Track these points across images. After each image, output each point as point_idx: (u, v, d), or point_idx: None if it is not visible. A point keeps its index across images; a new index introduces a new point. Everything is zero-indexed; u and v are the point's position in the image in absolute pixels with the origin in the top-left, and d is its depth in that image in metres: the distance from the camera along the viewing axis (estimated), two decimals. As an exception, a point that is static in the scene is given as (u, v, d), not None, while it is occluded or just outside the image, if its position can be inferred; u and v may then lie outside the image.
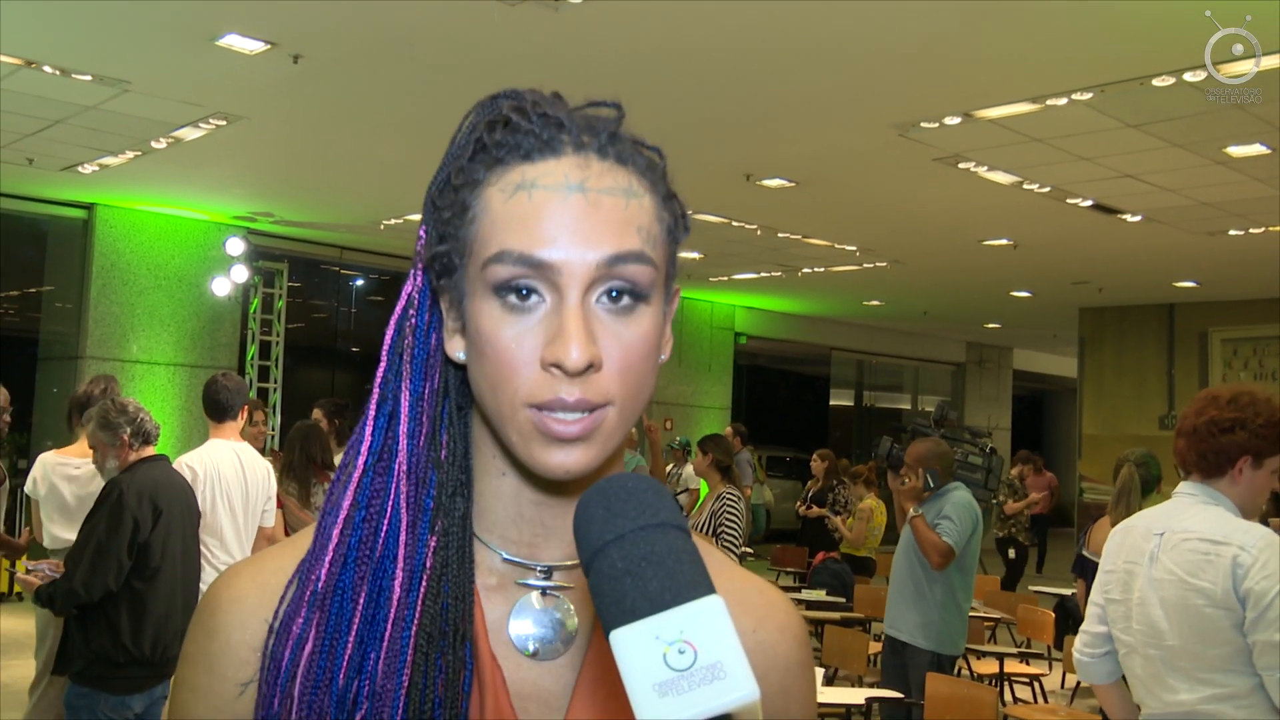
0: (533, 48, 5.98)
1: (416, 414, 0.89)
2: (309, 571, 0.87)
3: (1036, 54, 5.78)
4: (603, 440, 0.82)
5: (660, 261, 0.86)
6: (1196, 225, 9.53)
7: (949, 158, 7.77)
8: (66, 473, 4.98)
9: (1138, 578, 2.94)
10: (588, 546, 0.68)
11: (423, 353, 0.91)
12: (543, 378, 0.81)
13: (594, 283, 0.82)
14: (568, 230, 0.82)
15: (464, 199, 0.86)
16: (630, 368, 0.83)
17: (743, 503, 6.35)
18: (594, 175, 0.84)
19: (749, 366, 18.53)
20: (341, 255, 12.92)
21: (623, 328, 0.83)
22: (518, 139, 0.85)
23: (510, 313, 0.82)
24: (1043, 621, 7.56)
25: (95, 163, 8.93)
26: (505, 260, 0.82)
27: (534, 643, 0.88)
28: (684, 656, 0.62)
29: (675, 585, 0.65)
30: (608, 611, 0.65)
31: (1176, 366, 14.22)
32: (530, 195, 0.83)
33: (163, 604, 4.03)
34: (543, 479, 0.87)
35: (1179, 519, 2.89)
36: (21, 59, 6.41)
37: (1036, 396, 25.93)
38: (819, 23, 5.51)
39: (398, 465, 0.88)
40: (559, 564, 0.90)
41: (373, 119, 7.55)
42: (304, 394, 12.01)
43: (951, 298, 14.95)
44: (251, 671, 0.86)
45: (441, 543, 0.86)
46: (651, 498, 0.70)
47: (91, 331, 10.59)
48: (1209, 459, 2.86)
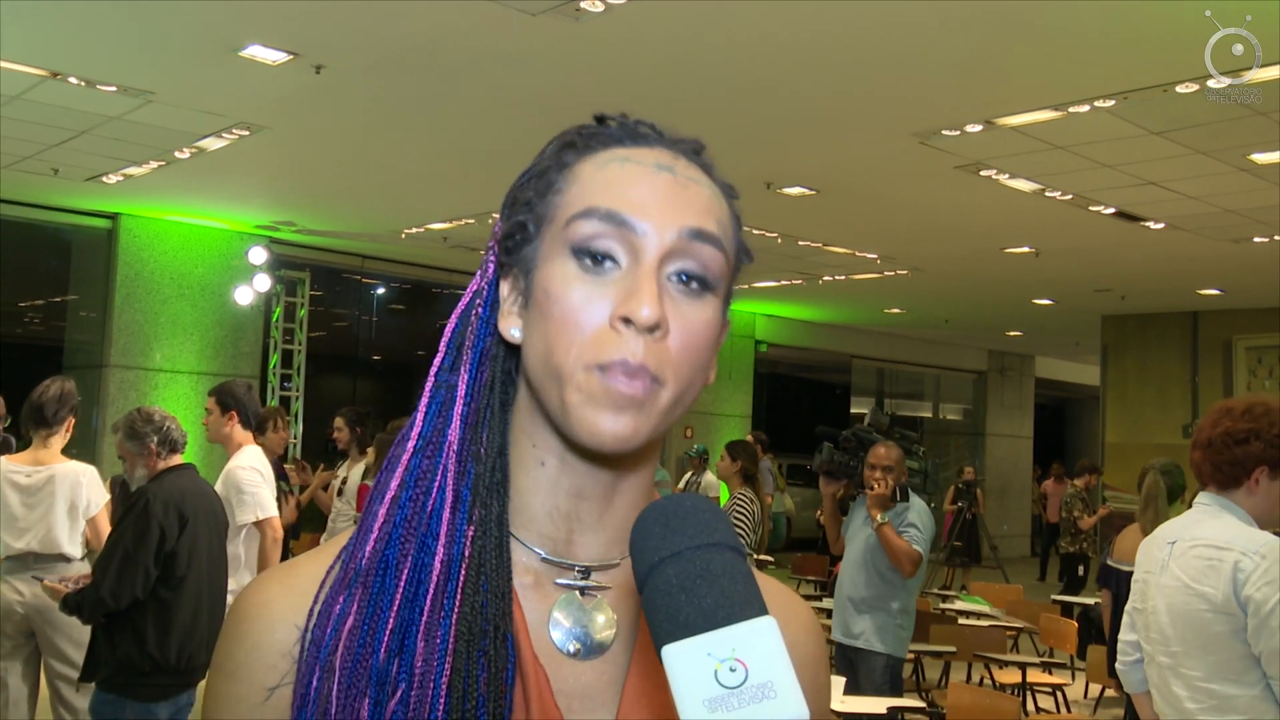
0: (554, 57, 5.99)
1: (471, 399, 0.91)
2: (353, 552, 0.88)
3: (1058, 61, 5.76)
4: (653, 415, 0.84)
5: (730, 258, 0.90)
6: (1220, 232, 9.48)
7: (970, 165, 7.74)
8: (15, 480, 4.91)
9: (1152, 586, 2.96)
10: (644, 562, 0.70)
11: (481, 343, 0.93)
12: (609, 335, 0.82)
13: (671, 254, 0.85)
14: (656, 199, 0.86)
15: (550, 179, 0.90)
16: (689, 349, 0.85)
17: (756, 505, 6.36)
18: (682, 166, 0.90)
19: (769, 375, 18.51)
20: (363, 264, 12.97)
21: (689, 309, 0.86)
22: (611, 131, 0.91)
23: (584, 273, 0.84)
24: (1066, 631, 7.52)
25: (119, 173, 8.99)
26: (592, 215, 0.85)
27: (574, 643, 0.88)
28: (735, 674, 0.63)
29: (729, 604, 0.66)
30: (661, 627, 0.66)
31: (1200, 375, 14.12)
32: (624, 166, 0.87)
33: (189, 612, 4.05)
34: (580, 467, 0.89)
35: (1192, 528, 2.90)
36: (47, 70, 6.46)
37: (1059, 405, 25.82)
38: (839, 30, 5.50)
39: (448, 443, 0.90)
40: (596, 564, 0.91)
41: (394, 128, 7.58)
42: (326, 402, 12.06)
43: (973, 305, 14.90)
44: (279, 676, 0.86)
45: (479, 533, 0.87)
46: (709, 518, 0.71)
47: (115, 340, 10.66)
48: (1225, 470, 2.86)
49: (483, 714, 0.81)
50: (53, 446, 4.99)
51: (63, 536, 4.88)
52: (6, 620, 4.84)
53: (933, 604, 8.48)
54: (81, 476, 5.00)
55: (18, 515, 4.86)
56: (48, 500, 4.88)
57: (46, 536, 4.85)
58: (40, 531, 4.86)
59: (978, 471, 16.35)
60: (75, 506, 4.93)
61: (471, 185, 8.80)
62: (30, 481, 4.90)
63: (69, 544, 4.90)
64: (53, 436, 4.98)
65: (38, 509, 4.87)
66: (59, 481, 4.91)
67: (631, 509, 0.92)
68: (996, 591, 9.55)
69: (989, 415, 20.42)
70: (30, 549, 4.85)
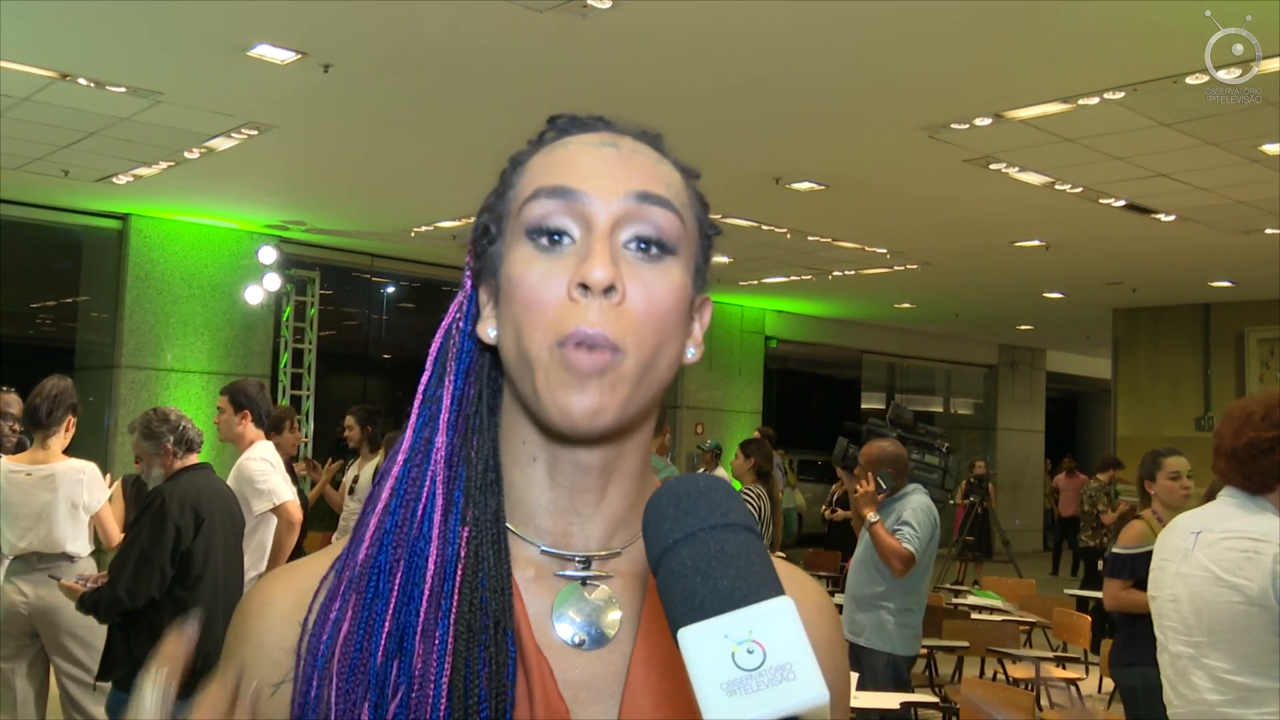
0: (561, 55, 5.99)
1: (457, 408, 0.93)
2: (346, 560, 0.89)
3: (1067, 53, 5.74)
4: (620, 387, 0.83)
5: (689, 227, 0.90)
6: (1232, 224, 9.44)
7: (980, 159, 7.73)
8: (16, 480, 4.92)
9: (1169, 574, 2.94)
10: (657, 544, 0.69)
11: (466, 356, 0.94)
12: (567, 306, 0.83)
13: (622, 219, 0.85)
14: (600, 169, 0.87)
15: (507, 180, 0.92)
16: (652, 315, 0.85)
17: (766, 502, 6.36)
18: (627, 143, 0.91)
19: (779, 370, 18.48)
20: (373, 263, 12.99)
21: (649, 274, 0.86)
22: (562, 125, 0.93)
23: (540, 253, 0.85)
24: (1079, 625, 7.50)
25: (129, 173, 9.01)
26: (540, 194, 0.86)
27: (578, 634, 0.88)
28: (753, 656, 0.61)
29: (745, 585, 0.65)
30: (676, 609, 0.65)
31: (1212, 367, 14.08)
32: (567, 148, 0.89)
33: (205, 611, 4.06)
34: (569, 457, 0.89)
35: (1221, 520, 2.87)
36: (57, 72, 6.48)
37: (1070, 398, 25.73)
38: (847, 25, 5.49)
39: (435, 450, 0.91)
40: (596, 553, 0.91)
41: (402, 127, 7.59)
42: (336, 401, 12.08)
43: (983, 300, 14.87)
44: (283, 673, 0.87)
45: (474, 533, 0.88)
46: (722, 498, 0.70)
47: (126, 341, 10.68)
48: (1255, 480, 2.84)
49: (485, 710, 0.81)
50: (52, 447, 4.99)
51: (65, 535, 4.88)
52: (10, 621, 4.85)
53: (945, 599, 8.46)
54: (81, 474, 5.00)
55: (19, 515, 4.87)
56: (49, 499, 4.88)
57: (48, 536, 4.86)
58: (42, 531, 4.87)
59: (989, 466, 16.32)
60: (76, 504, 4.93)
61: (480, 183, 8.65)
62: (31, 481, 4.91)
63: (71, 543, 4.90)
64: (51, 437, 4.99)
65: (39, 508, 4.88)
66: (59, 480, 4.92)
67: (627, 496, 0.92)
68: (1009, 586, 9.52)
69: (1000, 409, 20.37)
70: (33, 548, 4.86)
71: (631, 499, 0.92)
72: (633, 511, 0.92)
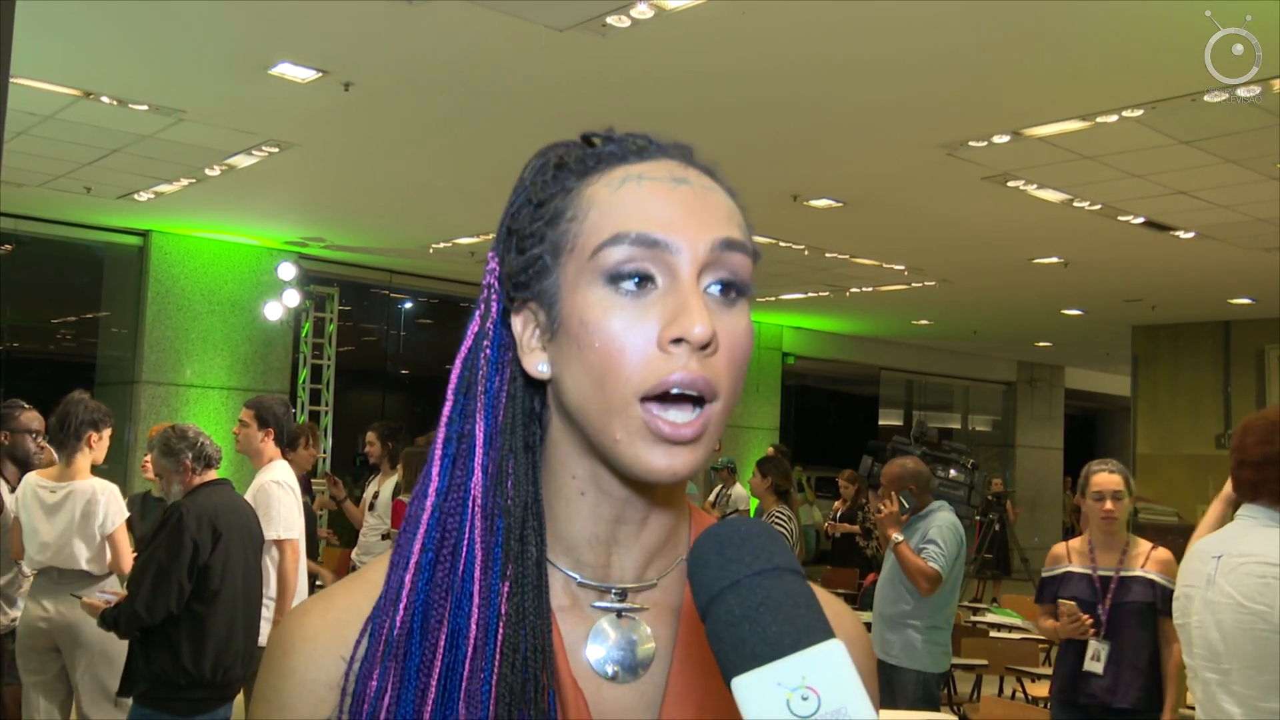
0: (580, 73, 6.02)
1: (490, 446, 0.88)
2: (381, 621, 0.85)
3: (1086, 71, 5.74)
4: (707, 442, 0.83)
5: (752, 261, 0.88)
6: (1251, 241, 9.40)
7: (998, 176, 7.72)
8: (41, 496, 4.95)
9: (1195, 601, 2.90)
10: (704, 593, 0.68)
11: (493, 385, 0.90)
12: (658, 359, 0.80)
13: (707, 267, 0.84)
14: (681, 213, 0.84)
15: (556, 206, 0.88)
16: (735, 360, 0.84)
17: (795, 523, 6.34)
18: (694, 175, 0.88)
19: (797, 387, 18.45)
20: (391, 279, 13.03)
21: (728, 319, 0.84)
22: (609, 148, 0.89)
23: (623, 298, 0.82)
24: (1099, 644, 7.43)
25: (151, 190, 9.08)
26: (622, 241, 0.82)
27: (612, 665, 0.88)
28: (807, 703, 0.61)
29: (794, 630, 0.65)
30: (727, 659, 0.65)
31: (1233, 385, 13.98)
32: (640, 184, 0.85)
33: (223, 626, 4.08)
34: (620, 494, 0.88)
35: (1238, 542, 2.83)
36: (80, 90, 6.54)
37: (1089, 416, 25.62)
38: (865, 42, 5.50)
39: (471, 500, 0.86)
40: (632, 585, 0.90)
41: (422, 145, 7.63)
42: (355, 417, 12.12)
43: (1002, 317, 14.82)
44: (328, 710, 0.86)
45: (515, 589, 0.85)
46: (765, 542, 0.70)
47: (147, 356, 10.74)
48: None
49: None
50: (76, 463, 5.01)
51: (79, 553, 4.89)
52: (32, 638, 4.87)
53: (964, 617, 8.41)
54: (100, 494, 4.99)
55: (39, 530, 4.91)
56: (65, 516, 4.90)
57: (63, 552, 4.88)
58: (57, 547, 4.89)
59: (1008, 483, 16.23)
60: (89, 523, 4.91)
61: (498, 200, 8.60)
62: (54, 498, 4.94)
63: (86, 561, 4.90)
64: (75, 453, 5.00)
65: (57, 525, 4.90)
66: (75, 497, 4.93)
67: (665, 528, 0.91)
68: (1028, 604, 9.45)
69: (1019, 426, 20.29)
70: (52, 564, 4.88)
71: (668, 530, 0.92)
72: (668, 542, 0.92)
